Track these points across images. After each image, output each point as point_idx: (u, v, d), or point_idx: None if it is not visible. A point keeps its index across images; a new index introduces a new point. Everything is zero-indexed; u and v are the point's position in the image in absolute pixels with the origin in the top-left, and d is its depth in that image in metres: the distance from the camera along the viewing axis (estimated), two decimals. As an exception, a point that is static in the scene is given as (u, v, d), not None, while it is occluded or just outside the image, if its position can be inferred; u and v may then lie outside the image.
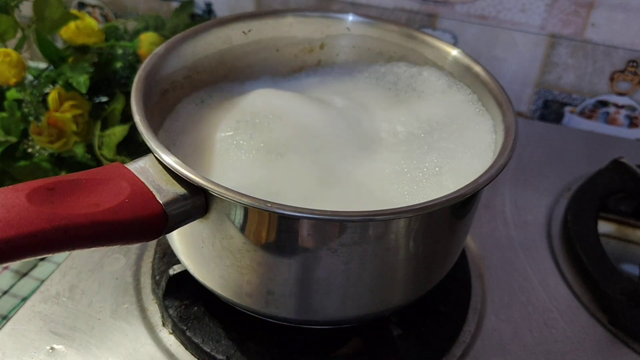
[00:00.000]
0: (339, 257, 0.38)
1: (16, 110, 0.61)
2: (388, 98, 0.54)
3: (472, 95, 0.51)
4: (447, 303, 0.50)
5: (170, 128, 0.48)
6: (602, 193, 0.61)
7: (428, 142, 0.48)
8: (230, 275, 0.41)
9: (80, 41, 0.63)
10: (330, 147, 0.46)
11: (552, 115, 0.78)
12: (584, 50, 0.72)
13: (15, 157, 0.61)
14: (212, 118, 0.49)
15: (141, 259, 0.53)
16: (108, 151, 0.60)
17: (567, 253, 0.57)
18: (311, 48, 0.57)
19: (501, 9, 0.72)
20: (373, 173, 0.46)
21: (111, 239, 0.35)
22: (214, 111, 0.50)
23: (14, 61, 0.59)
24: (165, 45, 0.48)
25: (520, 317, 0.51)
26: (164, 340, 0.47)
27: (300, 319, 0.43)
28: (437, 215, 0.40)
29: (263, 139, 0.45)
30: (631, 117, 0.75)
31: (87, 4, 0.86)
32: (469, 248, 0.57)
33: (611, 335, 0.50)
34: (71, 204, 0.34)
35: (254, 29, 0.54)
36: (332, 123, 0.48)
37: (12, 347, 0.46)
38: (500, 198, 0.62)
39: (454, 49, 0.52)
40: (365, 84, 0.56)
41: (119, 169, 0.37)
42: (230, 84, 0.55)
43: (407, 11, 0.75)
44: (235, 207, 0.37)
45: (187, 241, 0.43)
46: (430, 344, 0.47)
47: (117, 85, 0.64)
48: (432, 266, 0.44)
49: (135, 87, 0.43)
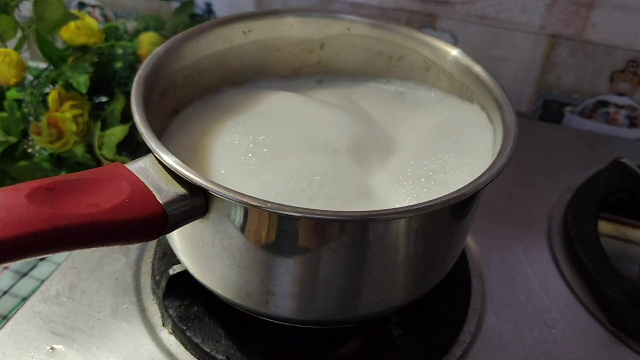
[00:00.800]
0: (339, 257, 0.38)
1: (16, 110, 0.61)
2: (389, 101, 0.55)
3: (470, 104, 0.51)
4: (447, 303, 0.50)
5: (175, 133, 0.48)
6: (602, 193, 0.61)
7: (430, 146, 0.48)
8: (230, 275, 0.41)
9: (80, 41, 0.63)
10: (333, 149, 0.46)
11: (552, 115, 0.78)
12: (584, 50, 0.72)
13: (15, 157, 0.61)
14: (216, 122, 0.49)
15: (141, 259, 0.53)
16: (108, 151, 0.60)
17: (567, 253, 0.57)
18: (311, 48, 0.57)
19: (501, 9, 0.72)
20: (375, 176, 0.46)
21: (111, 239, 0.35)
22: (217, 115, 0.50)
23: (14, 61, 0.59)
24: (165, 45, 0.48)
25: (520, 317, 0.51)
26: (164, 340, 0.47)
27: (300, 319, 0.43)
28: (437, 215, 0.40)
29: (264, 142, 0.45)
30: (631, 117, 0.75)
31: (87, 4, 0.86)
32: (469, 248, 0.57)
33: (611, 336, 0.50)
34: (71, 204, 0.34)
35: (254, 29, 0.54)
36: (334, 125, 0.48)
37: (12, 347, 0.46)
38: (500, 198, 0.62)
39: (454, 49, 0.52)
40: (365, 87, 0.56)
41: (118, 169, 0.37)
42: (230, 84, 0.55)
43: (407, 11, 0.75)
44: (235, 207, 0.37)
45: (187, 241, 0.43)
46: (430, 344, 0.47)
47: (117, 85, 0.64)
48: (432, 266, 0.44)
49: (135, 87, 0.43)
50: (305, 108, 0.50)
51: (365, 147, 0.47)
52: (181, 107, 0.52)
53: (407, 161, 0.47)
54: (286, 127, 0.47)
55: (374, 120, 0.51)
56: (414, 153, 0.47)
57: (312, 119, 0.49)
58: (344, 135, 0.47)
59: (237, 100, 0.52)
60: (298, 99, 0.51)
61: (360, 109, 0.52)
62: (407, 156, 0.47)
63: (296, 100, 0.51)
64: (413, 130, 0.50)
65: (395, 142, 0.49)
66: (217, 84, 0.54)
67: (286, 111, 0.49)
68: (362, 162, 0.46)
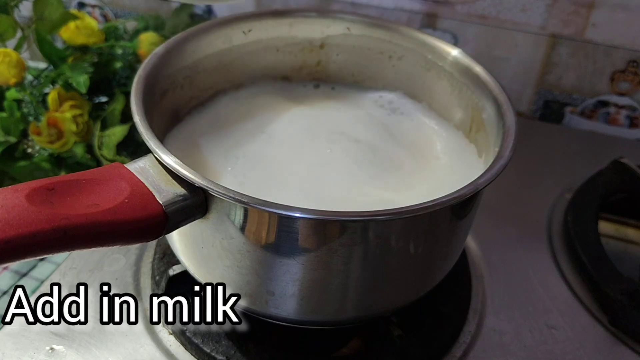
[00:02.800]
0: (339, 257, 0.38)
1: (16, 110, 0.61)
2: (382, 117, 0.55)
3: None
4: (448, 303, 0.50)
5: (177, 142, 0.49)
6: (602, 193, 0.61)
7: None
8: (230, 275, 0.41)
9: (80, 41, 0.63)
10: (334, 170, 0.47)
11: (553, 116, 0.78)
12: (584, 50, 0.72)
13: (15, 157, 0.61)
14: (214, 135, 0.49)
15: (141, 259, 0.53)
16: (108, 151, 0.60)
17: (567, 253, 0.57)
18: (311, 48, 0.57)
19: (501, 9, 0.72)
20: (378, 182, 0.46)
21: (111, 239, 0.35)
22: (217, 123, 0.51)
23: (13, 61, 0.59)
24: (165, 45, 0.48)
25: (520, 317, 0.51)
26: (164, 341, 0.47)
27: (300, 319, 0.43)
28: (437, 215, 0.40)
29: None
30: (631, 117, 0.75)
31: (87, 4, 0.86)
32: (469, 248, 0.57)
33: (611, 336, 0.50)
34: (71, 204, 0.34)
35: (254, 29, 0.54)
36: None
37: (12, 347, 0.46)
38: (500, 198, 0.62)
39: (454, 49, 0.52)
40: (363, 101, 0.57)
41: (118, 169, 0.37)
42: (230, 84, 0.55)
43: (407, 11, 0.75)
44: (235, 207, 0.37)
45: (187, 241, 0.43)
46: (430, 344, 0.47)
47: (117, 85, 0.64)
48: (432, 266, 0.44)
49: (135, 87, 0.43)
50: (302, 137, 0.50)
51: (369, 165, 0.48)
52: (181, 107, 0.52)
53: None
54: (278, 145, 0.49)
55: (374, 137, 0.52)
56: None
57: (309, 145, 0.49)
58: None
59: (240, 110, 0.52)
60: (297, 119, 0.52)
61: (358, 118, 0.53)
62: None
63: (296, 118, 0.52)
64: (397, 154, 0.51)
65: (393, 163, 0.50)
66: (217, 84, 0.54)
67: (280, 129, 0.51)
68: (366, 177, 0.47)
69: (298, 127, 0.51)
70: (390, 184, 0.46)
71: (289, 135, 0.50)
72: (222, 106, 0.54)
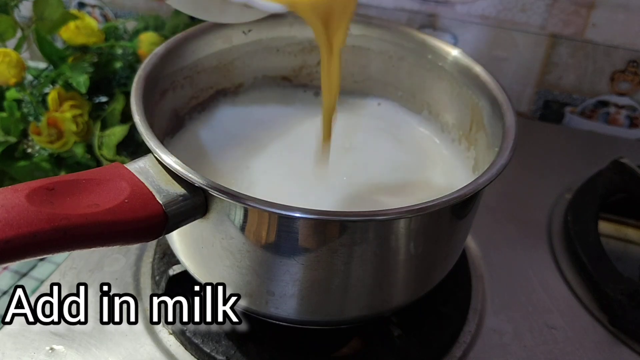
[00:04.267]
0: (339, 257, 0.38)
1: (16, 110, 0.60)
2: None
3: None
4: (448, 303, 0.50)
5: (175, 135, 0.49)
6: (602, 193, 0.61)
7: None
8: (230, 275, 0.41)
9: (80, 41, 0.63)
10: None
11: (553, 116, 0.78)
12: (584, 50, 0.72)
13: (15, 157, 0.61)
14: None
15: (141, 259, 0.53)
16: (108, 151, 0.60)
17: (567, 253, 0.57)
18: (311, 48, 0.56)
19: (501, 9, 0.72)
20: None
21: (111, 239, 0.35)
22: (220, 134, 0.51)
23: (13, 61, 0.59)
24: (165, 45, 0.48)
25: (520, 317, 0.51)
26: (164, 341, 0.47)
27: (300, 319, 0.43)
28: (437, 215, 0.40)
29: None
30: (631, 117, 0.75)
31: (87, 4, 0.86)
32: (469, 248, 0.57)
33: (611, 336, 0.50)
34: (71, 204, 0.34)
35: (254, 29, 0.54)
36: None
37: (12, 347, 0.46)
38: (500, 198, 0.62)
39: (454, 49, 0.52)
40: (362, 109, 0.57)
41: (118, 169, 0.37)
42: (230, 85, 0.55)
43: (407, 11, 0.75)
44: (235, 207, 0.37)
45: (187, 241, 0.43)
46: (430, 344, 0.47)
47: (117, 85, 0.64)
48: (432, 266, 0.44)
49: (135, 87, 0.43)
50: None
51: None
52: (181, 107, 0.52)
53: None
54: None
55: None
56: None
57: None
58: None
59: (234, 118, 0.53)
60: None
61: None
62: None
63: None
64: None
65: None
66: (217, 84, 0.54)
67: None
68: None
69: (297, 134, 0.51)
70: (390, 190, 0.47)
71: (288, 143, 0.51)
72: (222, 114, 0.54)
